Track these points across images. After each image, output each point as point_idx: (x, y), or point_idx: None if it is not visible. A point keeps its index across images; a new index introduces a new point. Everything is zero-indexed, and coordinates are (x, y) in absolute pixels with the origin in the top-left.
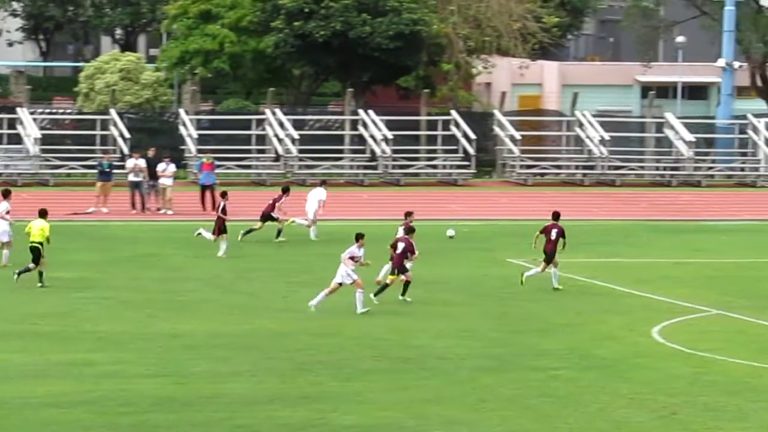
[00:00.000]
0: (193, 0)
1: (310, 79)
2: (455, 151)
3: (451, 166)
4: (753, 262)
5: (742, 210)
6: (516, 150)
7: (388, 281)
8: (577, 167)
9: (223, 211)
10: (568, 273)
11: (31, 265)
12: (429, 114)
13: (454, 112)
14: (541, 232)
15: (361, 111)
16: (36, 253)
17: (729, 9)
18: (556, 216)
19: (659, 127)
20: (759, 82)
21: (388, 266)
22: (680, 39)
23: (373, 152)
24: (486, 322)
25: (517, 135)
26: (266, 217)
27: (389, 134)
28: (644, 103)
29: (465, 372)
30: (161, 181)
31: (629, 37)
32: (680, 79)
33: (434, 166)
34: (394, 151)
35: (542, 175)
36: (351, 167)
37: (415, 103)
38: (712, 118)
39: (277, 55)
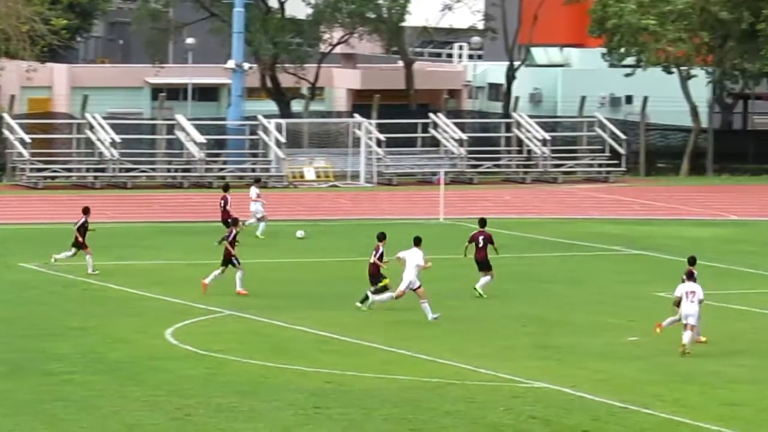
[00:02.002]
0: None
1: None
2: None
3: None
4: (267, 263)
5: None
6: (26, 153)
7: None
8: (87, 170)
9: (83, 227)
10: (81, 276)
11: None
12: None
13: None
14: (470, 242)
15: None
16: None
17: (238, 10)
18: (482, 223)
19: (170, 129)
20: (269, 84)
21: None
22: (190, 41)
23: None
24: None
25: (27, 138)
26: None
27: None
28: (155, 104)
29: None
30: None
31: (139, 39)
32: (191, 81)
33: None
34: None
35: (53, 178)
36: None
37: None
38: (223, 119)
39: None
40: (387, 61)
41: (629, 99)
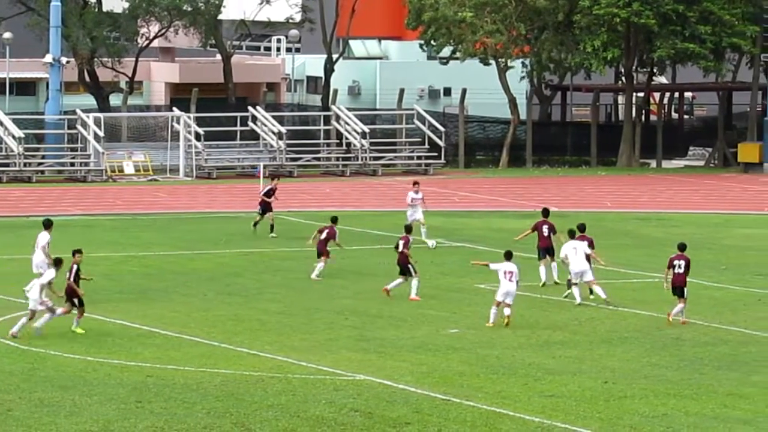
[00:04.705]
0: None
1: None
2: None
3: None
4: (88, 257)
5: (73, 205)
6: None
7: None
8: None
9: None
10: None
11: None
12: None
13: None
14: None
15: None
16: None
17: (55, 5)
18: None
19: None
20: (87, 78)
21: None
22: (7, 35)
23: None
24: None
25: None
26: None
27: None
28: None
29: None
30: None
31: None
32: (8, 75)
33: None
34: None
35: None
36: None
37: None
38: (42, 113)
39: None
40: (205, 55)
41: (448, 91)
